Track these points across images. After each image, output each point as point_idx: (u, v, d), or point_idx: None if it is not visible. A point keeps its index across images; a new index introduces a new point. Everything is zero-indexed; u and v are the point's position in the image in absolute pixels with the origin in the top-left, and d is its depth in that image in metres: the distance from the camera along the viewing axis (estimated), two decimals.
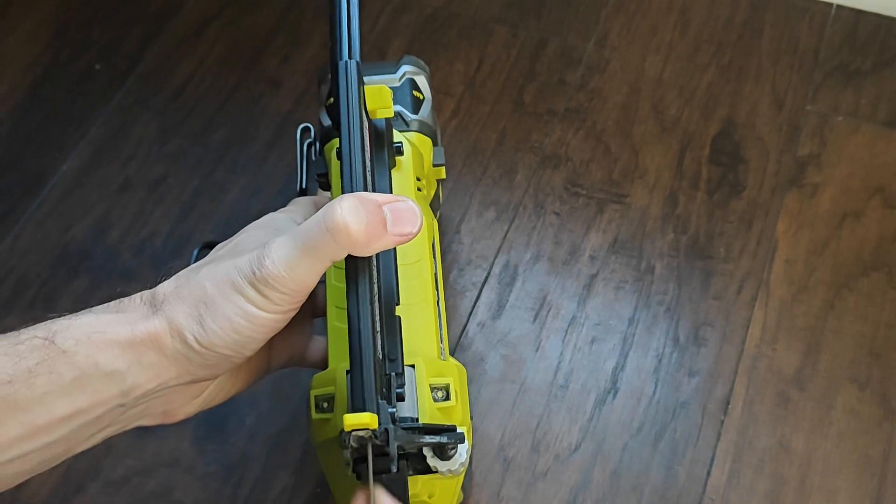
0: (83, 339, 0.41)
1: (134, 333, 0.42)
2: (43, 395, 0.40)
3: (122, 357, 0.41)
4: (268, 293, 0.42)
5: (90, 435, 0.43)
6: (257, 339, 0.43)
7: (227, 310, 0.42)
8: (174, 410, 0.46)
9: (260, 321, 0.42)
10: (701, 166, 0.77)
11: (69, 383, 0.40)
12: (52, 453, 0.42)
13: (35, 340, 0.40)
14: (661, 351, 0.69)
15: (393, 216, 0.42)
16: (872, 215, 0.74)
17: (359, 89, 0.49)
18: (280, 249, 0.42)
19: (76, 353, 0.40)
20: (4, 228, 0.76)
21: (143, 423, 0.46)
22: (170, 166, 0.79)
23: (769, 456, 0.65)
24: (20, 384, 0.39)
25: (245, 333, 0.42)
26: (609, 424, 0.66)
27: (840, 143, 0.78)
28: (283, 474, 0.65)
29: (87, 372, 0.40)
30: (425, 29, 0.86)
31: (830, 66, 0.82)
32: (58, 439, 0.41)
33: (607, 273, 0.72)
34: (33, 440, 0.40)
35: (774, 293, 0.71)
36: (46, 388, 0.40)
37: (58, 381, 0.40)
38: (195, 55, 0.85)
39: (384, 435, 0.41)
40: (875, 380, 0.67)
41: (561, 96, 0.81)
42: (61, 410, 0.40)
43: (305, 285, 0.43)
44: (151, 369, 0.42)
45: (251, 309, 0.42)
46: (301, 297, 0.43)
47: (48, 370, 0.40)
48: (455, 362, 0.53)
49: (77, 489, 0.64)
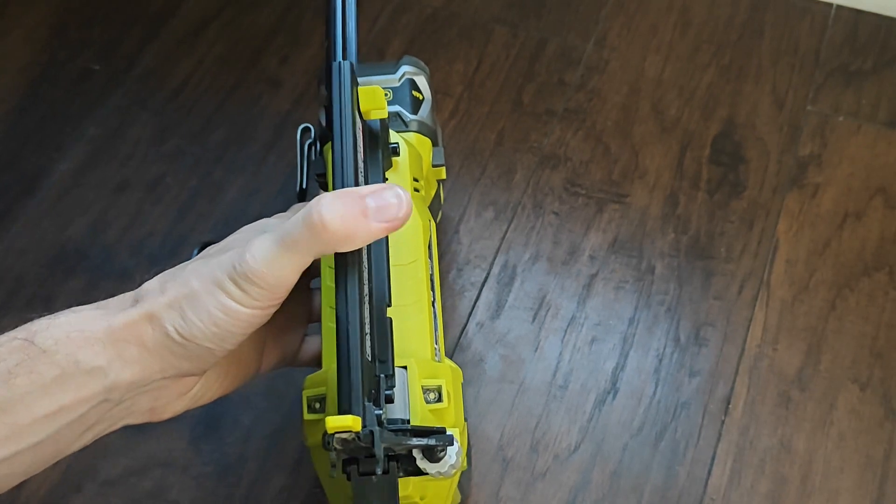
0: (62, 338, 0.41)
1: (111, 327, 0.42)
2: (24, 395, 0.40)
3: (103, 353, 0.41)
4: (247, 288, 0.42)
5: (78, 435, 0.43)
6: (237, 334, 0.43)
7: (207, 303, 0.42)
8: (161, 408, 0.46)
9: (239, 315, 0.42)
10: (701, 166, 0.77)
11: (50, 382, 0.40)
12: (40, 455, 0.42)
13: (15, 342, 0.41)
14: (661, 351, 0.69)
15: (376, 204, 0.41)
16: (873, 215, 0.74)
17: (352, 90, 0.49)
18: (261, 245, 0.42)
19: (56, 353, 0.41)
20: (2, 228, 0.75)
21: (130, 421, 0.45)
22: (168, 166, 0.78)
23: (770, 456, 0.64)
24: (0, 386, 0.39)
25: (224, 327, 0.42)
26: (609, 425, 0.66)
27: (841, 143, 0.78)
28: (279, 474, 0.64)
29: (68, 370, 0.41)
30: (425, 29, 0.85)
31: (831, 67, 0.82)
32: (44, 439, 0.41)
33: (607, 273, 0.72)
34: (18, 441, 0.40)
35: (775, 293, 0.71)
36: (27, 388, 0.40)
37: (38, 380, 0.40)
38: (194, 55, 0.85)
39: (368, 437, 0.40)
40: (876, 380, 0.67)
41: (560, 96, 0.81)
42: (43, 409, 0.40)
43: (285, 281, 0.42)
44: (134, 364, 0.42)
45: (230, 304, 0.42)
46: (280, 293, 0.43)
47: (28, 370, 0.40)
48: (450, 364, 0.53)
49: (74, 489, 0.64)
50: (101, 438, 0.48)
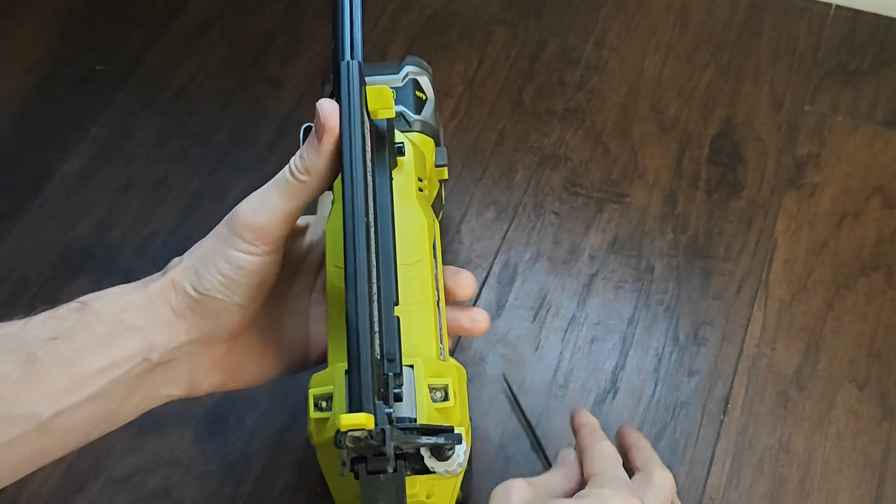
0: (110, 304, 0.48)
1: (147, 294, 0.49)
2: (82, 349, 0.46)
3: (142, 315, 0.48)
4: (242, 233, 0.48)
5: (125, 395, 0.48)
6: (241, 283, 0.49)
7: (214, 257, 0.49)
8: (198, 380, 0.51)
9: (238, 262, 0.48)
10: (700, 166, 0.77)
11: (102, 338, 0.47)
12: (95, 411, 0.47)
13: (72, 305, 0.48)
14: (660, 350, 0.69)
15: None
16: (871, 215, 0.74)
17: (360, 90, 0.49)
18: (250, 196, 0.49)
19: (105, 314, 0.47)
20: (6, 228, 0.76)
21: (172, 391, 0.51)
22: (171, 166, 0.79)
23: (769, 456, 0.65)
24: (63, 340, 0.46)
25: (228, 275, 0.48)
26: (609, 424, 0.66)
27: (839, 143, 0.78)
28: (284, 473, 0.65)
29: (116, 328, 0.47)
30: (425, 29, 0.86)
31: (829, 67, 0.83)
32: (98, 393, 0.46)
33: (607, 273, 0.73)
34: (78, 392, 0.46)
35: (774, 293, 0.71)
36: (84, 343, 0.46)
37: (92, 337, 0.47)
38: (197, 56, 0.85)
39: (380, 435, 0.41)
40: (874, 379, 0.67)
41: (560, 96, 0.82)
42: (98, 363, 0.46)
43: (274, 225, 0.48)
44: (166, 326, 0.49)
45: (231, 252, 0.48)
46: (272, 237, 0.49)
47: (84, 328, 0.47)
48: (454, 363, 0.53)
49: (78, 488, 0.64)
50: (104, 437, 0.49)
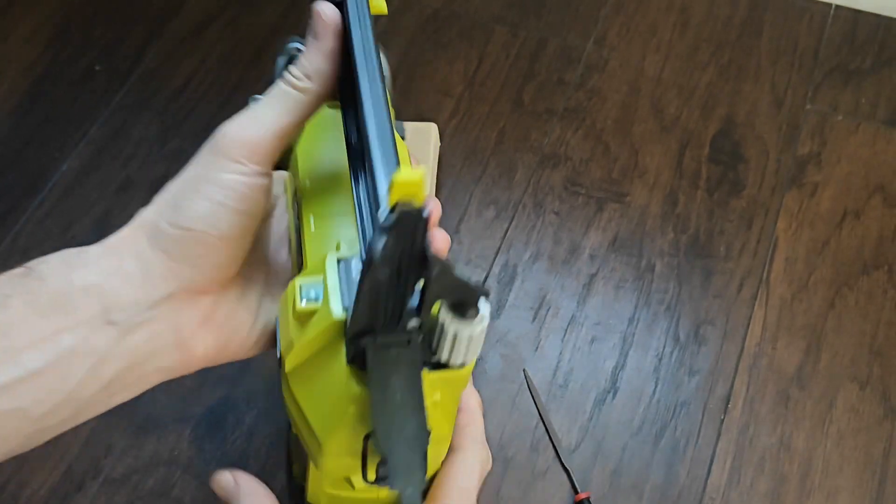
0: (58, 264, 0.41)
1: (104, 246, 0.42)
2: (20, 318, 0.39)
3: (97, 270, 0.41)
4: (230, 151, 0.42)
5: (88, 371, 0.40)
6: (229, 208, 0.42)
7: (198, 184, 0.42)
8: (188, 343, 0.43)
9: (227, 183, 0.42)
10: (701, 165, 0.77)
11: (45, 303, 0.39)
12: (42, 391, 0.40)
13: (14, 271, 0.40)
14: (661, 350, 0.69)
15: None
16: (872, 214, 0.74)
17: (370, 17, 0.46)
18: (239, 114, 0.43)
19: (51, 275, 0.40)
20: (5, 227, 0.76)
21: (161, 363, 0.43)
22: (170, 166, 0.79)
23: (770, 454, 0.64)
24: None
25: (215, 199, 0.42)
26: (609, 424, 0.66)
27: (840, 142, 0.78)
28: (282, 473, 0.64)
29: (63, 290, 0.40)
30: (425, 29, 0.86)
31: (830, 66, 0.82)
32: (44, 367, 0.39)
33: (607, 272, 0.72)
34: (16, 366, 0.39)
35: (775, 291, 0.71)
36: (22, 310, 0.39)
37: (33, 301, 0.39)
38: (196, 55, 0.85)
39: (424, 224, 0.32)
40: (875, 378, 0.67)
41: (560, 96, 0.81)
42: (40, 332, 0.39)
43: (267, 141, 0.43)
44: (132, 280, 0.41)
45: (217, 175, 0.42)
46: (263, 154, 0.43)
47: (23, 293, 0.39)
48: None
49: (78, 487, 0.64)
50: (104, 436, 0.48)
